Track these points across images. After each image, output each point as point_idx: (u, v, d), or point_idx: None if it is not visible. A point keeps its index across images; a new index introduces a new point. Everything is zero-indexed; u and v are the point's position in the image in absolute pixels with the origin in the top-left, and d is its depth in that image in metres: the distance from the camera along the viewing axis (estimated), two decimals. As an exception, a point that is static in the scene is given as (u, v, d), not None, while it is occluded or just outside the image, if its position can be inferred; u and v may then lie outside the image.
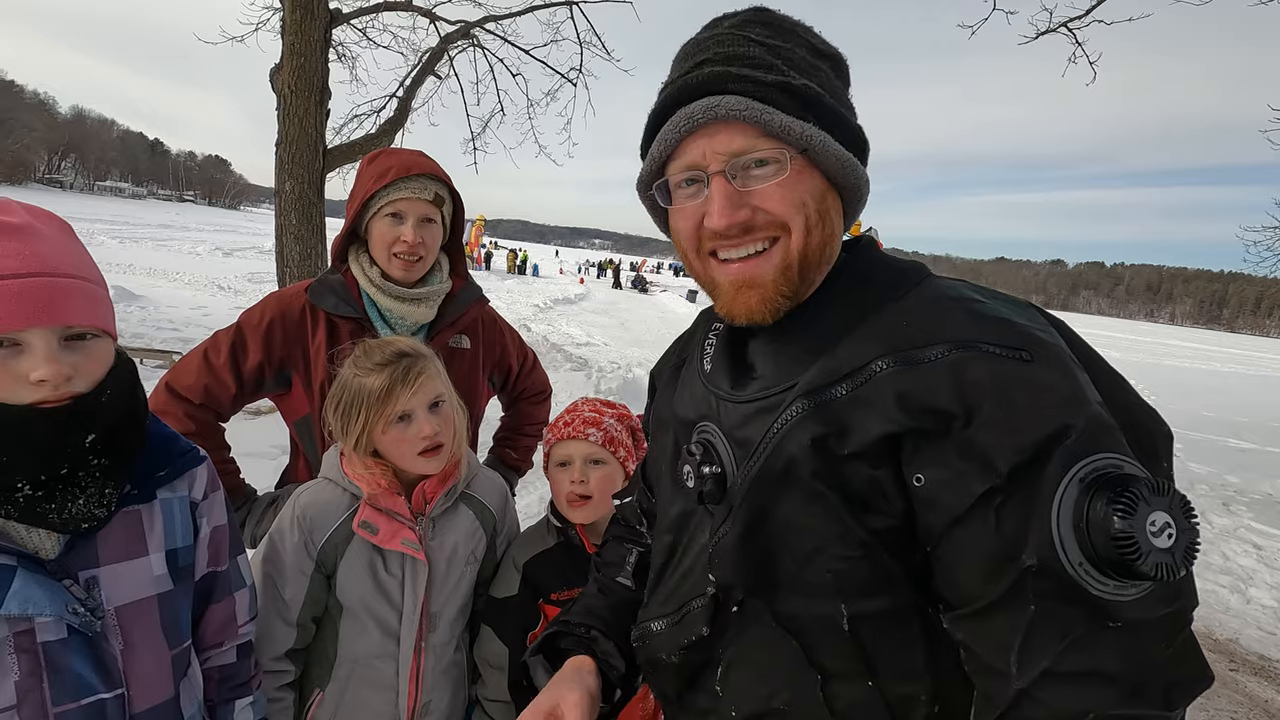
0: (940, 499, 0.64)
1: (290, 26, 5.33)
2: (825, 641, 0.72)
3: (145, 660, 0.93)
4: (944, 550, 0.65)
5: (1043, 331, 0.67)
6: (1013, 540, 0.60)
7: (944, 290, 0.74)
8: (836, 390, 0.70)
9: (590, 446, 1.44)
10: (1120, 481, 0.56)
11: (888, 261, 0.81)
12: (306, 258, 5.54)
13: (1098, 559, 0.56)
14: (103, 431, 0.86)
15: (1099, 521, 0.56)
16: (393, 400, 1.25)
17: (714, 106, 0.74)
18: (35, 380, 0.79)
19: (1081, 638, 0.58)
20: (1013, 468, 0.60)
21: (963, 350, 0.65)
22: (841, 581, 0.70)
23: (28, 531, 0.85)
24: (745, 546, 0.76)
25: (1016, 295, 0.76)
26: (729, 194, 0.75)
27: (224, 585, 1.09)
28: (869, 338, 0.71)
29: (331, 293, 1.58)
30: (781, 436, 0.72)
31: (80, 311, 0.83)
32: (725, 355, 0.86)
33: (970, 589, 0.64)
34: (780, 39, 0.77)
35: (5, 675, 0.82)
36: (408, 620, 1.32)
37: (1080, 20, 6.84)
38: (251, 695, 1.15)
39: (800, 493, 0.71)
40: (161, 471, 0.97)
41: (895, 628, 0.70)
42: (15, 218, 0.82)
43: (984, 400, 0.62)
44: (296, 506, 1.30)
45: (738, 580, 0.77)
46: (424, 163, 1.58)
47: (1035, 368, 0.63)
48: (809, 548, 0.71)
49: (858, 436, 0.68)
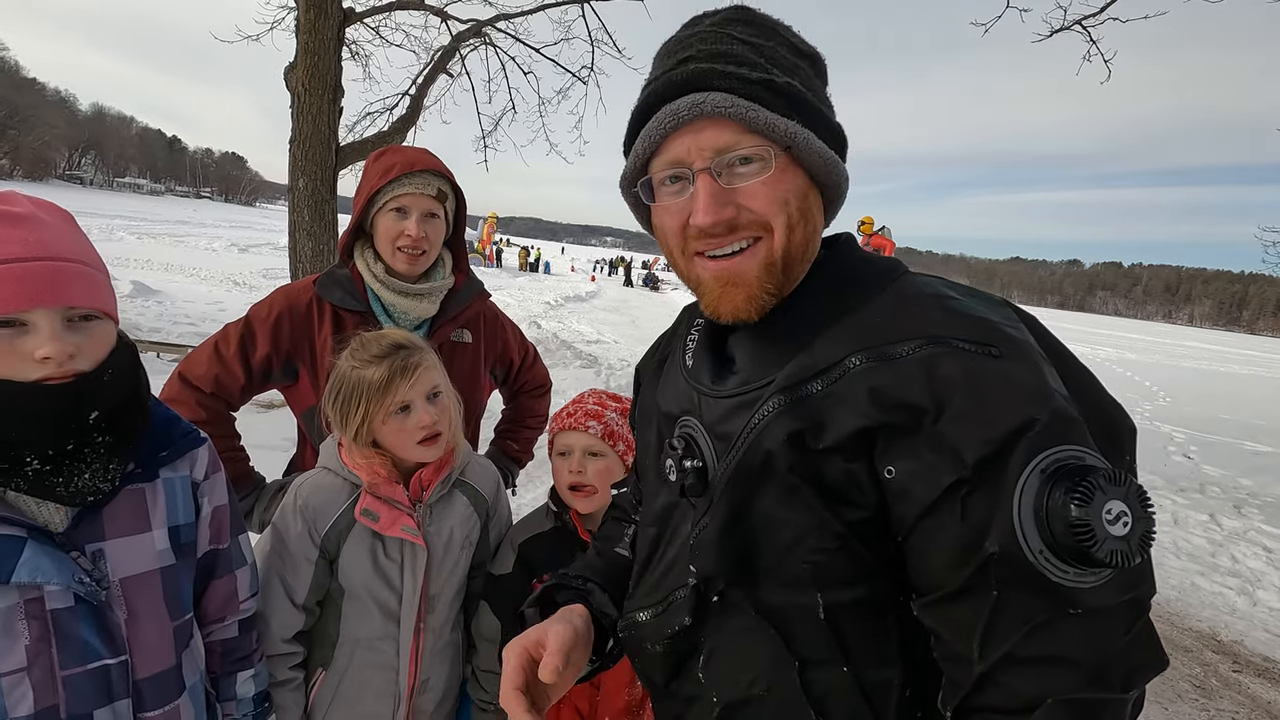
0: (911, 491, 0.66)
1: (304, 25, 5.40)
2: (803, 630, 0.74)
3: (148, 630, 0.98)
4: (914, 540, 0.67)
5: (1013, 328, 0.68)
6: (977, 529, 0.62)
7: (919, 287, 0.75)
8: (812, 386, 0.71)
9: (589, 439, 1.47)
10: (1079, 472, 0.58)
11: (866, 259, 0.83)
12: (319, 254, 5.61)
13: (1057, 546, 0.58)
14: (105, 409, 0.90)
15: (1057, 510, 0.58)
16: (392, 391, 1.28)
17: (699, 103, 0.74)
18: (40, 358, 0.83)
19: (1042, 624, 0.60)
20: (979, 459, 0.61)
21: (935, 346, 0.66)
22: (819, 572, 0.72)
23: (37, 505, 0.90)
24: (725, 539, 0.78)
25: (992, 292, 0.77)
26: (714, 191, 0.75)
27: (226, 563, 1.14)
28: (844, 334, 0.72)
29: (338, 287, 1.63)
30: (759, 432, 0.74)
31: (82, 293, 0.88)
32: (706, 350, 0.88)
33: (938, 577, 0.66)
34: (762, 37, 0.78)
35: (16, 639, 0.86)
36: (407, 603, 1.36)
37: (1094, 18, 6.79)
38: (253, 668, 1.20)
39: (778, 486, 0.73)
40: (164, 451, 1.02)
41: (870, 617, 0.72)
42: (20, 208, 0.87)
43: (954, 395, 0.63)
44: (299, 496, 1.34)
45: (718, 571, 0.79)
46: (427, 159, 1.62)
47: (1004, 363, 0.64)
48: (787, 540, 0.73)
49: (833, 431, 0.69)
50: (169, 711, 1.00)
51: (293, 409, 1.70)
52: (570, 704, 1.49)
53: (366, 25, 7.18)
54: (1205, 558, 4.93)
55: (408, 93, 7.62)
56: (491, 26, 7.55)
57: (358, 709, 1.36)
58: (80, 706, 0.91)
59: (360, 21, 6.58)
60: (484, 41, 7.82)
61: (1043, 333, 0.72)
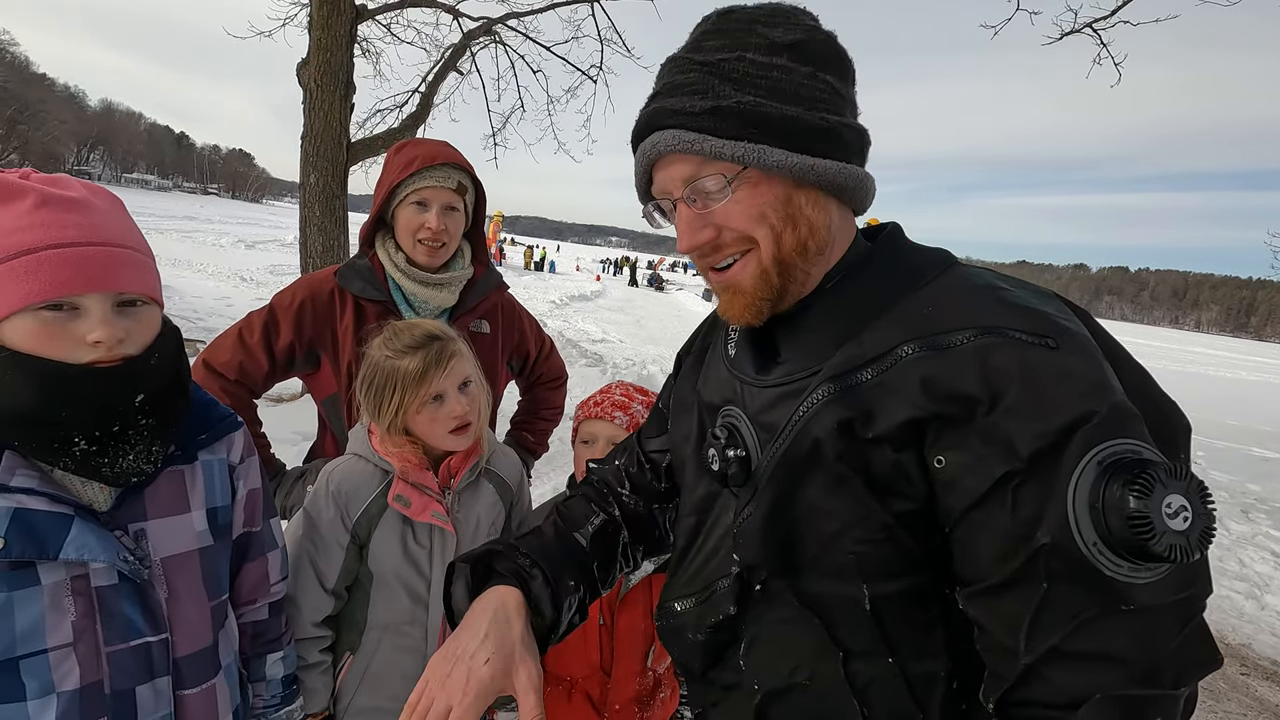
0: (961, 481, 0.65)
1: (317, 22, 5.42)
2: (847, 620, 0.74)
3: (188, 608, 1.00)
4: (961, 531, 0.67)
5: (1068, 321, 0.67)
6: (1028, 521, 0.61)
7: (971, 277, 0.74)
8: (862, 375, 0.71)
9: (615, 429, 1.50)
10: (1138, 465, 0.57)
11: (915, 248, 0.82)
12: (329, 249, 5.64)
13: (1112, 539, 0.57)
14: (151, 392, 0.92)
15: (1114, 502, 0.56)
16: (427, 381, 1.30)
17: (656, 144, 0.79)
18: (92, 341, 0.85)
19: (1092, 619, 0.59)
20: (1034, 452, 0.60)
21: (989, 336, 0.65)
22: (864, 563, 0.72)
23: (83, 485, 0.92)
24: (769, 528, 0.78)
25: (1042, 286, 0.76)
26: (689, 218, 0.79)
27: (258, 545, 1.16)
28: (895, 323, 0.72)
29: (359, 277, 1.65)
30: (807, 420, 0.74)
31: (132, 280, 0.90)
32: (749, 341, 0.88)
33: (984, 568, 0.65)
34: (728, 48, 0.76)
35: (63, 615, 0.88)
36: (435, 588, 1.38)
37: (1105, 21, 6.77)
38: (282, 650, 1.22)
39: (825, 475, 0.73)
40: (202, 435, 1.04)
41: (916, 608, 0.72)
42: (74, 192, 0.89)
43: (1009, 386, 0.62)
44: (331, 482, 1.36)
45: (761, 560, 0.79)
46: (448, 152, 1.64)
47: (1061, 355, 0.63)
48: (832, 530, 0.73)
49: (883, 421, 0.69)
50: (206, 690, 1.02)
51: (314, 396, 1.72)
52: (581, 691, 1.51)
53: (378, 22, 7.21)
54: (1213, 562, 4.92)
55: (418, 90, 7.65)
56: (502, 24, 7.57)
57: (385, 693, 1.38)
58: (123, 682, 0.93)
59: (372, 18, 6.60)
60: (494, 40, 7.85)
61: (1096, 328, 0.70)
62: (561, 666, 1.53)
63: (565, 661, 1.52)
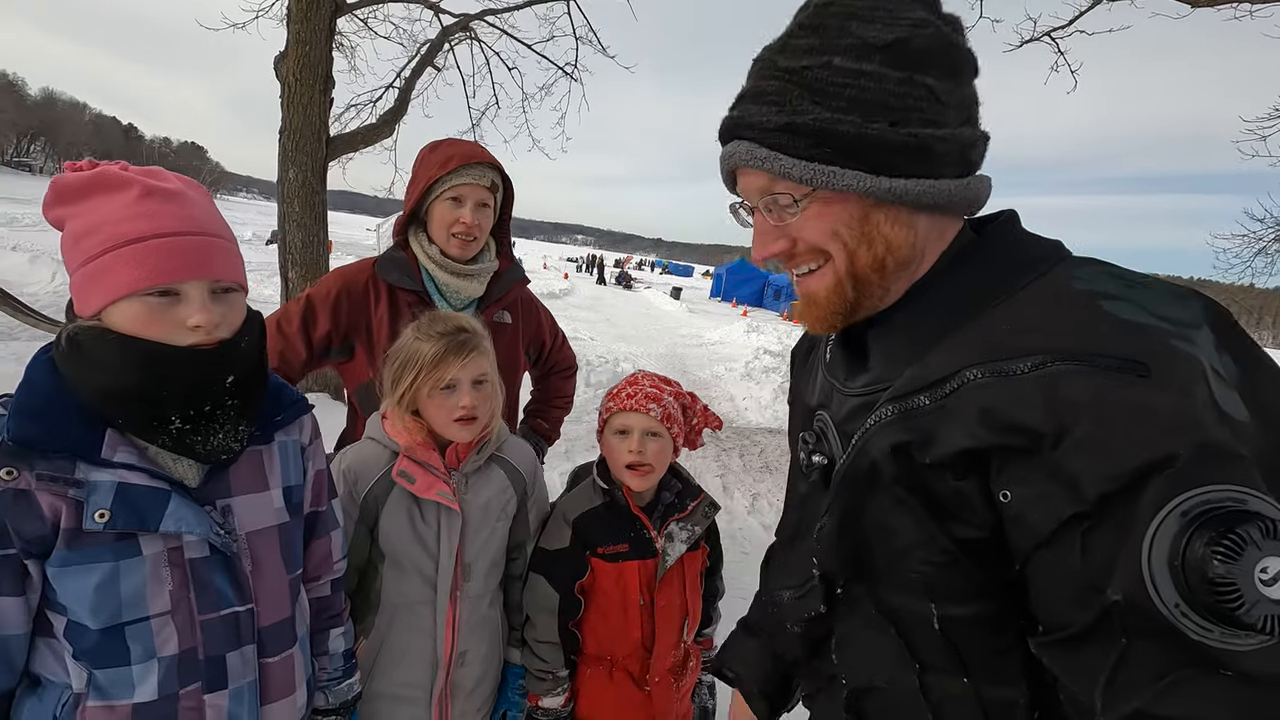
0: (1027, 518, 0.61)
1: (296, 14, 5.35)
2: (920, 635, 0.74)
3: (270, 581, 1.05)
4: (1031, 570, 0.63)
5: (1179, 338, 0.58)
6: (1100, 570, 0.55)
7: (1072, 282, 0.66)
8: (920, 399, 0.69)
9: (650, 420, 1.54)
10: (1229, 519, 0.49)
11: (1020, 243, 0.76)
12: (309, 245, 5.58)
13: (1194, 603, 0.50)
14: (239, 374, 0.97)
15: (1196, 563, 0.49)
16: (443, 368, 1.36)
17: (732, 154, 0.79)
18: (192, 325, 0.90)
19: (1184, 680, 0.52)
20: (1101, 495, 0.55)
21: (1063, 363, 0.59)
22: (930, 583, 0.71)
23: (174, 461, 0.96)
24: (840, 539, 0.79)
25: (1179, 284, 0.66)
26: (764, 229, 0.80)
27: (324, 524, 1.21)
28: (964, 343, 0.68)
29: (396, 268, 1.72)
30: (866, 440, 0.73)
31: (227, 267, 0.95)
32: (842, 345, 0.88)
33: (1056, 615, 0.61)
34: (812, 53, 0.72)
35: (162, 584, 0.93)
36: (444, 568, 1.42)
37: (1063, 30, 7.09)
38: (343, 625, 1.27)
39: (885, 496, 0.72)
40: (278, 416, 1.09)
41: (989, 634, 0.69)
42: (172, 184, 0.93)
43: (1078, 421, 0.56)
44: (342, 463, 1.42)
45: (835, 568, 0.81)
46: (482, 153, 1.73)
47: (1148, 385, 0.55)
48: (897, 547, 0.73)
49: (940, 448, 0.66)
50: (285, 659, 1.07)
51: (346, 384, 1.78)
52: (622, 668, 1.58)
53: (356, 17, 7.12)
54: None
55: (393, 85, 7.58)
56: (480, 20, 7.56)
57: (398, 676, 1.43)
58: (216, 649, 0.98)
59: (351, 13, 6.53)
60: (470, 36, 7.83)
61: (1233, 339, 0.61)
62: (604, 647, 1.58)
63: (608, 642, 1.58)
